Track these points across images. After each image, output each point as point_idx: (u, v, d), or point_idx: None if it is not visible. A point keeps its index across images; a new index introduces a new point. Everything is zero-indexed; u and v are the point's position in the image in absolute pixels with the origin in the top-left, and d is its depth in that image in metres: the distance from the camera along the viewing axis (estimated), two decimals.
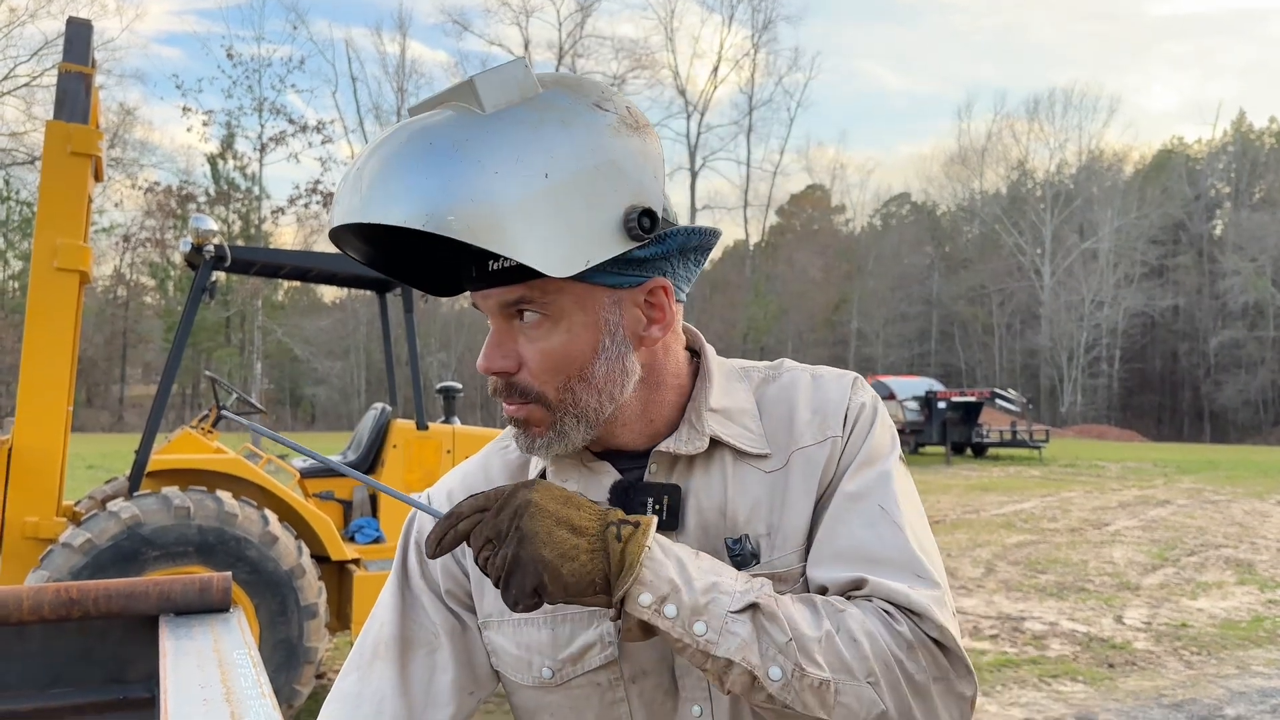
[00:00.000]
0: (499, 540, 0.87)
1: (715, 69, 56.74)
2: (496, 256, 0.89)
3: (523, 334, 0.95)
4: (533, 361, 0.95)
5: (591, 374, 0.96)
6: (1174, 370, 58.50)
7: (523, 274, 0.90)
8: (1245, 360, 53.07)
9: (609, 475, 1.03)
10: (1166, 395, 58.96)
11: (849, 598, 0.94)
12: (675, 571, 0.88)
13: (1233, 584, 8.90)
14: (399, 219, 0.82)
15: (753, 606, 0.87)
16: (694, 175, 55.26)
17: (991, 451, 28.49)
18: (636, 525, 0.88)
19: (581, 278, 0.91)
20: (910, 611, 0.91)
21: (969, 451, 28.01)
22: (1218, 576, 9.25)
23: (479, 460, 1.15)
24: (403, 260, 1.02)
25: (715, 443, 1.02)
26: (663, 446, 1.01)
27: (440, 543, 0.89)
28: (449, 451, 5.85)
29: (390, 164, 0.84)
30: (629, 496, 1.00)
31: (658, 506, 0.99)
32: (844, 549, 0.96)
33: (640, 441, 1.04)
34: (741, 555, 0.98)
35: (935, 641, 0.90)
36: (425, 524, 1.11)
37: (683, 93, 55.83)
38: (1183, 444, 43.95)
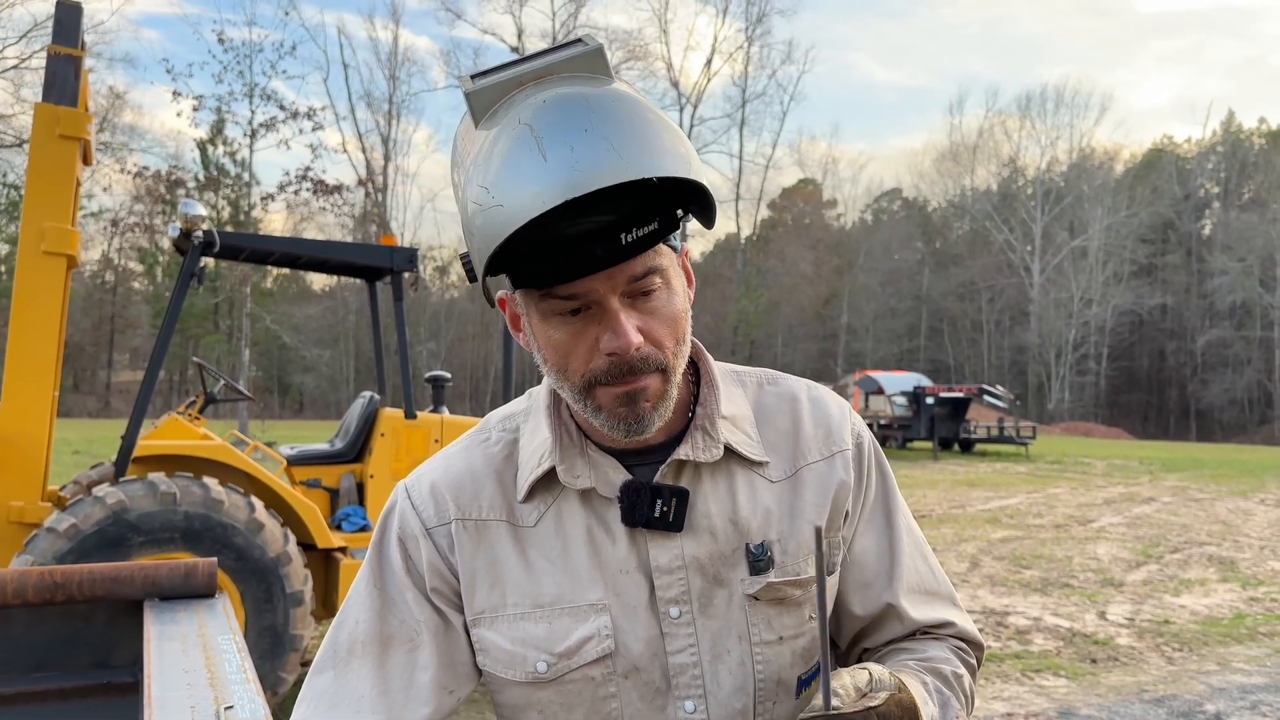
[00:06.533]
0: None
1: (709, 61, 56.59)
2: (631, 229, 0.89)
3: (641, 306, 0.95)
4: (658, 329, 0.96)
5: (687, 335, 1.01)
6: (1161, 369, 58.80)
7: (650, 242, 0.91)
8: (1232, 360, 53.38)
9: (619, 473, 1.03)
10: (1153, 393, 59.26)
11: (931, 634, 1.15)
12: None
13: (1215, 581, 8.97)
14: (671, 170, 0.85)
15: None
16: None
17: (979, 447, 28.63)
18: None
19: (668, 242, 0.96)
20: (973, 644, 1.16)
21: (956, 447, 28.14)
22: (1201, 574, 9.32)
23: (460, 453, 1.12)
24: (520, 257, 0.92)
25: (725, 450, 1.05)
26: (680, 454, 1.02)
27: None
28: (437, 440, 5.84)
29: (622, 126, 0.86)
30: (639, 497, 1.01)
31: (665, 508, 1.01)
32: (915, 584, 1.14)
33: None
34: (761, 561, 1.04)
35: (979, 660, 1.18)
36: (408, 518, 1.08)
37: (676, 85, 55.72)
38: (1169, 442, 44.20)
